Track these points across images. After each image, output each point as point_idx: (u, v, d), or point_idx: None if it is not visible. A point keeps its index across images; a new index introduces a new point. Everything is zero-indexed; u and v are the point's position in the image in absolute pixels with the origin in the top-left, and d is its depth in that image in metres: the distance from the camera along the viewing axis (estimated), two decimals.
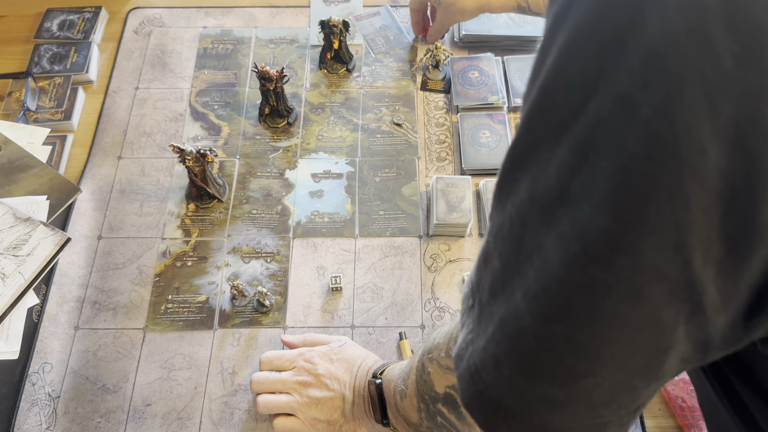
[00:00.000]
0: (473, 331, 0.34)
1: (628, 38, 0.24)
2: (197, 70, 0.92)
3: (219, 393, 0.68)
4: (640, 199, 0.25)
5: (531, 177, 0.29)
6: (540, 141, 0.29)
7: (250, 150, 0.85)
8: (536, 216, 0.29)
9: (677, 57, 0.23)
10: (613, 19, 0.25)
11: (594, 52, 0.25)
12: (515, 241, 0.30)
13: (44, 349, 0.70)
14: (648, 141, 0.24)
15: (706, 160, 0.24)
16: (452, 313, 0.73)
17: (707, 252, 0.25)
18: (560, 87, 0.27)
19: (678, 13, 0.23)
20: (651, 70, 0.23)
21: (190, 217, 0.80)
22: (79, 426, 0.66)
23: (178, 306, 0.73)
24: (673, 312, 0.27)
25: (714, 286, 0.27)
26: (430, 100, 0.90)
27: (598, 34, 0.25)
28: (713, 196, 0.24)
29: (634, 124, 0.24)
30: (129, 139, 0.86)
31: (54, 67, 0.91)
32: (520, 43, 0.94)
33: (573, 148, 0.27)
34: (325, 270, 0.76)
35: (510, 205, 0.31)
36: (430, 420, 0.50)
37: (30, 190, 0.80)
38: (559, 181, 0.27)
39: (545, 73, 0.28)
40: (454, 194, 0.77)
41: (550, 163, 0.28)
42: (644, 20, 0.23)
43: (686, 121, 0.23)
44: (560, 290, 0.28)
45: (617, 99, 0.25)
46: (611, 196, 0.25)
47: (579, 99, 0.26)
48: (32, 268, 0.73)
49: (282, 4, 1.00)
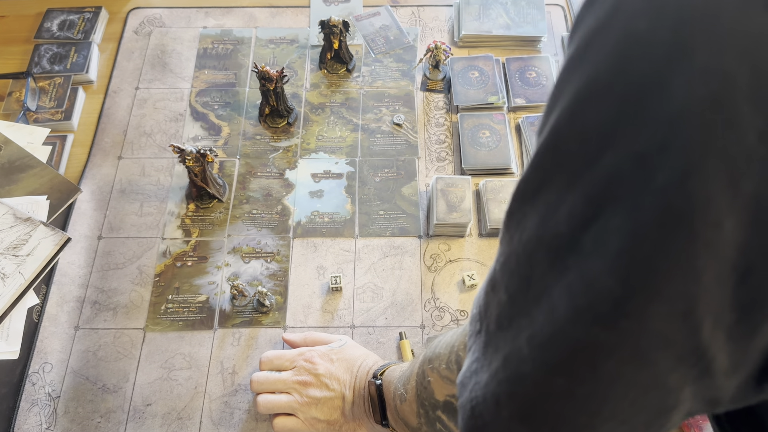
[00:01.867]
0: (478, 361, 0.34)
1: (651, 97, 0.23)
2: (197, 70, 0.93)
3: (219, 393, 0.68)
4: (650, 266, 0.24)
5: (540, 216, 0.29)
6: (550, 181, 0.28)
7: (250, 150, 0.85)
8: (545, 259, 0.29)
9: (700, 128, 0.22)
10: (635, 74, 0.24)
11: (612, 104, 0.25)
12: (523, 279, 0.30)
13: (44, 349, 0.70)
14: (663, 209, 0.23)
15: (722, 234, 0.23)
16: (452, 312, 0.73)
17: (718, 319, 0.25)
18: (574, 132, 0.27)
19: (704, 84, 0.22)
20: (671, 135, 0.23)
21: (190, 217, 0.80)
22: (79, 426, 0.66)
23: (178, 306, 0.73)
24: (679, 375, 0.27)
25: (724, 352, 0.26)
26: (430, 100, 0.90)
27: (618, 87, 0.25)
28: (727, 268, 0.24)
29: (650, 188, 0.24)
30: (129, 139, 0.86)
31: (54, 67, 0.91)
32: (520, 43, 0.94)
33: (587, 198, 0.26)
34: (325, 270, 0.76)
35: (518, 239, 0.30)
36: (429, 426, 0.51)
37: (30, 190, 0.80)
38: (571, 229, 0.27)
39: (558, 114, 0.27)
40: (454, 194, 0.77)
41: (559, 208, 0.27)
42: (669, 83, 0.23)
43: (704, 194, 0.23)
44: (564, 344, 0.28)
45: (635, 157, 0.24)
46: (622, 258, 0.25)
47: (594, 149, 0.26)
48: (32, 268, 0.73)
49: (282, 4, 1.00)
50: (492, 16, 0.95)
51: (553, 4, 0.99)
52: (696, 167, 0.23)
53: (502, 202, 0.78)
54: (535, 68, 0.90)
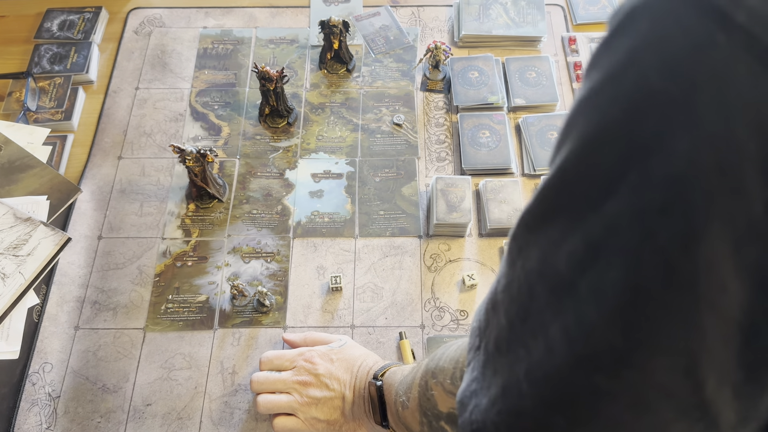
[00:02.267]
0: (477, 381, 0.34)
1: (656, 155, 0.23)
2: (197, 71, 0.93)
3: (219, 393, 0.68)
4: (651, 322, 0.24)
5: (541, 250, 0.29)
6: (554, 217, 0.28)
7: (250, 150, 0.85)
8: (544, 294, 0.29)
9: (704, 193, 0.22)
10: (642, 129, 0.24)
11: (618, 154, 0.25)
12: (522, 308, 0.30)
13: (44, 349, 0.70)
14: (665, 268, 0.23)
15: (727, 296, 0.23)
16: (452, 312, 0.73)
17: (723, 376, 0.25)
18: (580, 175, 0.27)
19: (711, 148, 0.22)
20: (673, 197, 0.23)
21: (190, 217, 0.80)
22: (80, 426, 0.66)
23: (178, 306, 0.73)
24: (683, 426, 0.26)
25: (730, 408, 0.26)
26: (430, 100, 0.90)
27: (624, 139, 0.24)
28: (732, 328, 0.23)
29: (651, 246, 0.23)
30: (129, 139, 0.86)
31: (54, 67, 0.91)
32: (520, 43, 0.94)
33: (586, 243, 0.26)
34: (325, 270, 0.76)
35: (520, 266, 0.30)
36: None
37: (30, 190, 0.80)
38: (569, 270, 0.27)
39: (567, 153, 0.27)
40: (454, 194, 0.77)
41: (561, 246, 0.27)
42: (675, 144, 0.22)
43: (708, 257, 0.22)
44: (564, 387, 0.28)
45: (636, 214, 0.24)
46: (621, 311, 0.25)
47: (597, 195, 0.25)
48: (32, 268, 0.73)
49: (282, 4, 1.00)
50: (492, 16, 0.95)
51: (553, 4, 0.99)
52: (700, 231, 0.22)
53: (502, 202, 0.78)
54: (535, 68, 0.90)
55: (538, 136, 0.84)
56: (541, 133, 0.84)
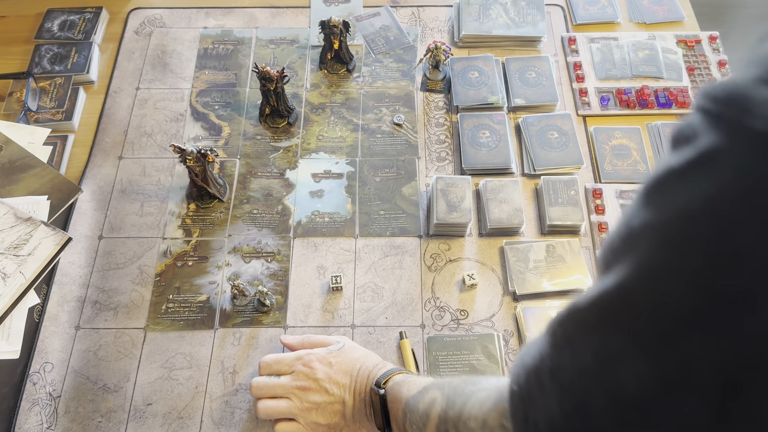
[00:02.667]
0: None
1: (739, 315, 0.23)
2: (198, 71, 0.93)
3: (220, 392, 0.68)
4: None
5: (596, 356, 0.29)
6: (611, 331, 0.28)
7: (250, 150, 0.85)
8: (604, 400, 0.29)
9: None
10: (725, 285, 0.23)
11: (694, 298, 0.24)
12: (577, 405, 0.30)
13: (45, 349, 0.70)
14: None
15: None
16: (452, 312, 0.73)
17: None
18: (646, 303, 0.26)
19: None
20: (760, 359, 0.23)
21: (190, 216, 0.80)
22: (80, 425, 0.66)
23: (178, 305, 0.73)
24: None
25: None
26: (430, 100, 0.90)
27: (703, 285, 0.24)
28: None
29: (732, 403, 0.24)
30: (130, 139, 0.86)
31: (55, 67, 0.91)
32: (520, 43, 0.94)
33: (659, 373, 0.26)
34: (325, 269, 0.76)
35: (569, 358, 0.31)
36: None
37: (31, 190, 0.80)
38: (639, 392, 0.27)
39: (628, 272, 0.27)
40: (454, 194, 0.77)
41: (620, 361, 0.28)
42: (760, 307, 0.23)
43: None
44: None
45: (719, 367, 0.24)
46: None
47: (670, 330, 0.25)
48: (33, 267, 0.73)
49: (282, 4, 1.00)
50: (492, 17, 0.95)
51: (553, 5, 0.99)
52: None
53: (502, 202, 0.78)
54: (535, 68, 0.90)
55: (538, 136, 0.84)
56: (541, 133, 0.84)
